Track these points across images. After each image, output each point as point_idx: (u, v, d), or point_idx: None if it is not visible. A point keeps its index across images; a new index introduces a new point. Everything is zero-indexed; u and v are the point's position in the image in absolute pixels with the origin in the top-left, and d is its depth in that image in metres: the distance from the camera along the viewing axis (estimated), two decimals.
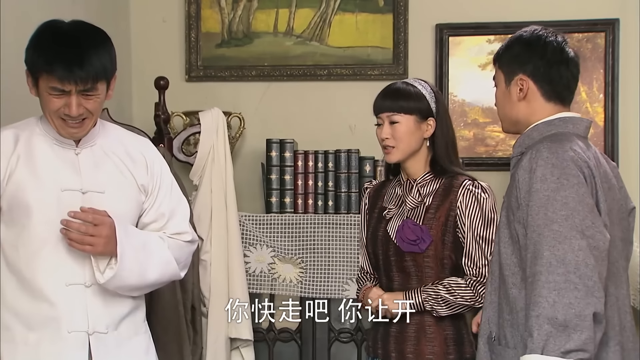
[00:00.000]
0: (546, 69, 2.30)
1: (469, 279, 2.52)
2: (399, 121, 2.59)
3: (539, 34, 2.31)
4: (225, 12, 4.04)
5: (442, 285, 2.52)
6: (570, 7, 3.84)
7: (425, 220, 2.55)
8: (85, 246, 2.21)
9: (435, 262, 2.53)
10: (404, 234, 2.54)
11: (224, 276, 3.48)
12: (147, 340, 2.46)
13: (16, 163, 2.26)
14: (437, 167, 2.61)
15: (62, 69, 2.18)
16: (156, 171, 2.44)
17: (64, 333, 2.24)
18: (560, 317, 1.99)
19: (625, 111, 3.82)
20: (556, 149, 2.14)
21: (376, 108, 2.66)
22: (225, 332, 3.48)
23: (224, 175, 3.53)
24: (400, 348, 2.57)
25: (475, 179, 2.60)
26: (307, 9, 4.00)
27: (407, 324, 2.54)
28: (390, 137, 2.59)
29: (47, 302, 2.24)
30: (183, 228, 2.47)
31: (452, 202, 2.54)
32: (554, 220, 2.06)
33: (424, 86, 2.64)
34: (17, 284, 2.25)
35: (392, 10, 3.93)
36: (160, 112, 3.57)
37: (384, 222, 2.62)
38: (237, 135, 3.85)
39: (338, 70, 3.96)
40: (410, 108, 2.59)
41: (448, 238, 2.54)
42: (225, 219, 3.50)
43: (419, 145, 2.61)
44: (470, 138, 3.91)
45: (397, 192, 2.66)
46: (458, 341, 2.57)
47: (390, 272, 2.60)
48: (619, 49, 3.81)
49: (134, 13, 4.08)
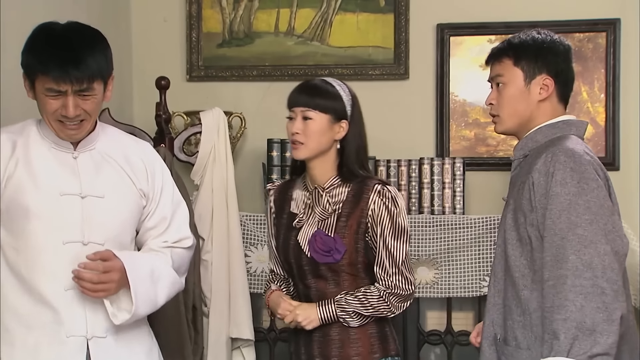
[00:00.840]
0: (565, 71, 2.34)
1: (382, 290, 2.49)
2: (312, 118, 2.50)
3: (551, 36, 2.35)
4: (227, 12, 4.04)
5: (355, 296, 2.49)
6: (571, 7, 3.84)
7: (338, 229, 2.49)
8: (99, 293, 2.23)
9: (350, 268, 2.50)
10: (317, 245, 2.49)
11: (225, 276, 3.48)
12: (150, 342, 2.46)
13: (15, 166, 2.25)
14: (345, 171, 2.54)
15: (57, 69, 2.17)
16: (157, 176, 2.44)
17: (62, 337, 2.24)
18: (589, 322, 2.01)
19: (626, 111, 3.82)
20: (572, 153, 2.16)
21: (290, 102, 2.55)
22: (226, 331, 3.48)
23: (225, 175, 3.53)
24: (324, 352, 2.52)
25: (386, 184, 2.54)
26: (308, 9, 4.00)
27: (330, 328, 2.51)
28: (301, 132, 2.50)
29: (46, 306, 2.23)
30: (184, 233, 2.48)
31: (364, 209, 2.49)
32: (578, 224, 2.08)
33: (342, 88, 2.56)
34: (18, 285, 2.25)
35: (393, 10, 3.93)
36: (162, 112, 3.57)
37: (294, 231, 2.56)
38: (238, 135, 3.85)
39: (339, 70, 3.96)
40: (326, 106, 2.51)
41: (360, 245, 2.50)
42: (227, 219, 3.51)
43: (329, 146, 2.53)
44: (472, 138, 3.91)
45: (305, 198, 2.59)
46: (382, 339, 2.54)
47: (305, 279, 2.55)
48: (620, 49, 3.81)
49: (135, 13, 4.08)
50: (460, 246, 3.64)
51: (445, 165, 3.72)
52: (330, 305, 2.49)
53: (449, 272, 3.65)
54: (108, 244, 2.29)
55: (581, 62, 3.84)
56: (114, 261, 2.24)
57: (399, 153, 3.81)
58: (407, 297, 2.52)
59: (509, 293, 2.24)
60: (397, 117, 3.95)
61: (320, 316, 2.48)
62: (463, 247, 3.63)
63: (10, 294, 2.25)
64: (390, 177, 3.74)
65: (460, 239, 3.64)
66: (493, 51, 2.42)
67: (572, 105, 3.83)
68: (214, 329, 3.47)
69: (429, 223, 3.66)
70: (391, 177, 3.74)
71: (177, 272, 2.44)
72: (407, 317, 3.71)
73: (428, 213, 3.71)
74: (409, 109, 3.96)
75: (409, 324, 3.73)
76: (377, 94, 3.94)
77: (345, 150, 2.54)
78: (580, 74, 3.85)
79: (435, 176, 3.72)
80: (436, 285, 3.65)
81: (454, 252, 3.64)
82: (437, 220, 3.66)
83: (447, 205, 3.71)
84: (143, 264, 2.32)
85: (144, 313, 2.32)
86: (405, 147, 3.89)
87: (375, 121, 3.85)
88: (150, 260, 2.36)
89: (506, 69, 2.34)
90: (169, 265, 2.41)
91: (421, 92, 3.95)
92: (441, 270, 3.65)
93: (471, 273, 3.62)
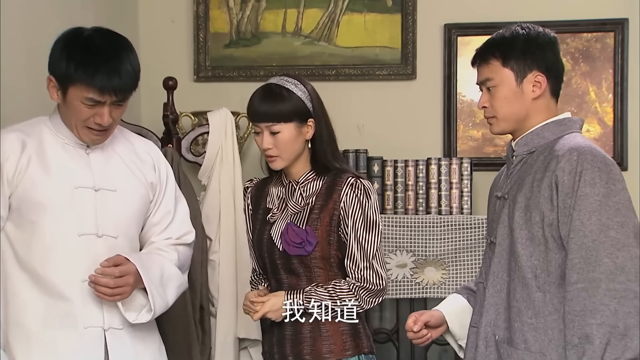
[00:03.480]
0: (555, 65, 2.29)
1: (352, 284, 2.47)
2: (279, 130, 2.47)
3: (535, 29, 2.29)
4: (234, 13, 4.05)
5: (324, 288, 2.46)
6: (579, 7, 3.83)
7: (310, 222, 2.48)
8: (116, 297, 2.27)
9: (322, 262, 2.48)
10: (289, 237, 2.47)
11: (232, 276, 3.48)
12: (159, 339, 2.51)
13: (27, 163, 2.27)
14: (319, 165, 2.53)
15: (104, 81, 2.20)
16: (162, 171, 2.50)
17: (80, 329, 2.27)
18: (621, 326, 2.01)
19: (635, 111, 3.81)
20: (598, 152, 2.13)
21: (253, 116, 2.52)
22: (233, 331, 3.48)
23: (232, 175, 3.53)
24: (296, 350, 2.51)
25: (359, 177, 2.51)
26: (315, 9, 4.00)
27: (302, 325, 2.49)
28: (273, 146, 2.48)
29: (62, 298, 2.26)
30: (187, 227, 2.54)
31: (336, 202, 2.47)
32: (610, 226, 2.06)
33: (297, 86, 2.52)
34: (31, 283, 2.26)
35: (401, 10, 3.93)
36: (169, 113, 3.57)
37: (268, 226, 2.56)
38: (245, 135, 3.85)
39: (346, 70, 3.96)
40: (289, 115, 2.47)
41: (333, 238, 2.48)
42: (234, 219, 3.50)
43: (303, 148, 2.53)
44: (479, 138, 3.90)
45: (280, 193, 2.59)
46: (355, 335, 2.51)
47: (278, 274, 2.54)
48: (628, 49, 3.80)
49: (143, 13, 4.09)
50: (468, 246, 3.63)
51: (452, 166, 3.72)
52: (297, 295, 2.46)
53: (456, 272, 3.64)
54: (121, 236, 2.34)
55: (589, 62, 3.83)
56: (128, 265, 2.27)
57: (406, 153, 3.80)
58: (377, 292, 2.48)
59: (518, 294, 2.20)
60: (404, 117, 3.94)
61: (287, 306, 2.45)
62: (470, 247, 3.63)
63: (23, 291, 2.27)
64: (398, 177, 3.74)
65: (468, 239, 3.63)
66: (478, 52, 2.35)
67: (579, 105, 3.84)
68: (222, 329, 3.47)
69: (436, 223, 3.65)
70: (398, 177, 3.74)
71: (181, 269, 2.49)
72: None
73: (435, 213, 3.71)
74: (416, 109, 3.96)
75: None
76: (384, 94, 3.93)
77: (317, 146, 2.54)
78: (588, 74, 3.84)
79: (443, 176, 3.72)
80: (444, 286, 3.64)
81: (461, 252, 3.64)
82: (444, 220, 3.65)
83: (455, 206, 3.71)
84: (154, 266, 2.36)
85: (159, 313, 2.38)
86: (413, 147, 3.89)
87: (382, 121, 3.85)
88: (159, 261, 2.40)
89: (495, 71, 2.28)
90: (175, 265, 2.45)
91: (428, 92, 3.94)
92: (449, 271, 3.65)
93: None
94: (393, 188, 3.72)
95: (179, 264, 2.47)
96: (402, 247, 3.65)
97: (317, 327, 2.49)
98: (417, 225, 3.66)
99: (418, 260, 3.65)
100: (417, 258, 3.65)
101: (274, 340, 2.57)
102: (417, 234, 3.65)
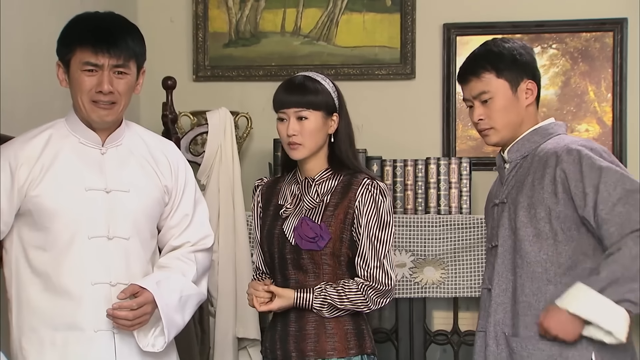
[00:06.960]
0: (538, 73, 2.43)
1: (361, 284, 2.47)
2: (307, 117, 2.49)
3: (517, 41, 2.44)
4: (233, 12, 4.05)
5: (333, 287, 2.47)
6: (578, 7, 3.83)
7: (324, 218, 2.49)
8: (136, 326, 2.27)
9: (332, 259, 2.49)
10: (302, 231, 2.48)
11: (231, 276, 3.48)
12: (171, 342, 2.46)
13: (40, 171, 2.27)
14: (337, 163, 2.55)
15: (97, 41, 2.23)
16: (181, 174, 2.48)
17: (90, 332, 2.27)
18: (634, 270, 2.09)
19: (634, 110, 3.81)
20: (592, 142, 2.30)
21: (280, 103, 2.53)
22: (232, 331, 3.48)
23: (231, 175, 3.54)
24: (300, 347, 2.50)
25: (375, 178, 2.54)
26: (314, 9, 4.00)
27: (306, 322, 2.49)
28: (298, 133, 2.49)
29: (73, 301, 2.26)
30: (206, 231, 2.52)
31: (351, 200, 2.49)
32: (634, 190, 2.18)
33: (326, 81, 2.57)
34: (43, 287, 2.27)
35: (400, 9, 3.93)
36: (168, 112, 3.57)
37: (280, 221, 2.56)
38: (244, 135, 3.85)
39: (345, 70, 3.96)
40: (318, 103, 2.50)
41: (346, 235, 2.49)
42: (233, 219, 3.51)
43: (324, 141, 2.55)
44: (478, 138, 3.89)
45: (294, 190, 2.59)
46: (358, 335, 2.52)
47: (285, 270, 2.54)
48: (627, 48, 3.80)
49: (142, 13, 4.08)
50: (467, 246, 3.64)
51: (451, 165, 3.72)
52: (308, 293, 2.47)
53: (455, 272, 3.64)
54: (133, 238, 2.33)
55: (588, 62, 3.83)
56: (144, 295, 2.27)
57: (406, 153, 3.81)
58: (385, 292, 2.49)
59: (527, 289, 2.27)
60: (404, 117, 3.95)
61: (296, 301, 2.46)
62: (469, 247, 3.63)
63: (35, 295, 2.28)
64: (397, 177, 3.74)
65: (467, 239, 3.64)
66: (467, 68, 2.43)
67: (578, 104, 3.85)
68: (221, 329, 3.47)
69: (436, 223, 3.66)
70: (397, 177, 3.74)
71: (200, 280, 2.47)
72: (414, 317, 3.71)
73: (434, 213, 3.71)
74: (415, 108, 3.96)
75: (415, 324, 3.73)
76: (384, 94, 3.94)
77: (338, 143, 2.55)
78: (587, 74, 3.85)
79: (442, 176, 3.72)
80: (443, 285, 3.65)
81: (460, 252, 3.64)
82: (443, 220, 3.66)
83: (454, 205, 3.71)
84: (171, 290, 2.35)
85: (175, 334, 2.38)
86: (412, 147, 3.89)
87: (381, 121, 3.86)
88: (178, 283, 2.38)
89: (489, 84, 2.37)
90: (194, 279, 2.43)
91: (427, 91, 3.95)
92: (448, 270, 3.65)
93: (478, 273, 3.61)
94: (392, 188, 3.73)
95: (197, 275, 2.45)
96: (401, 247, 3.66)
97: (322, 324, 2.49)
98: (416, 224, 3.66)
99: (417, 259, 3.66)
100: (416, 258, 3.66)
101: (277, 336, 2.56)
102: (416, 234, 3.66)
